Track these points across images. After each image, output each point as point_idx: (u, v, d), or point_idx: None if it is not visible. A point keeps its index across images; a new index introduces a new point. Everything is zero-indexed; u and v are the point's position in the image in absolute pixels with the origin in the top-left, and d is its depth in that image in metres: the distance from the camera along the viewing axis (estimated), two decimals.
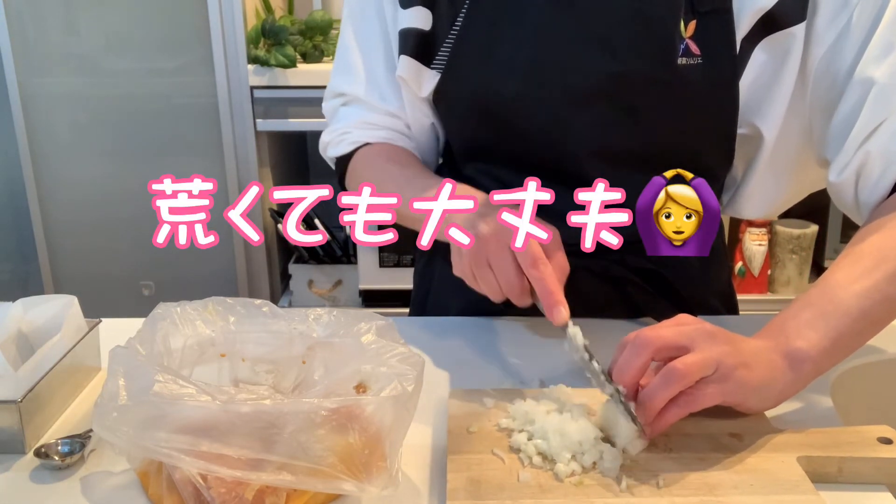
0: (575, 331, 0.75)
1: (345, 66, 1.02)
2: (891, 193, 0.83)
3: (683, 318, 0.72)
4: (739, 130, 0.92)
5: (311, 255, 2.40)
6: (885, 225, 0.78)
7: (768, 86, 0.88)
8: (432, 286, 1.10)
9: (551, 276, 0.77)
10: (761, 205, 0.99)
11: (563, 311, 0.76)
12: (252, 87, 2.19)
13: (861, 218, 0.87)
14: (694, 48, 0.86)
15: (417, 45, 0.94)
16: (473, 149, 1.00)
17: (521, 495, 0.65)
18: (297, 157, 2.70)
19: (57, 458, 0.72)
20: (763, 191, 0.97)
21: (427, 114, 1.01)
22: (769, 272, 2.39)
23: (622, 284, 0.99)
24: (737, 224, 2.37)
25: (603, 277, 0.98)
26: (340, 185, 1.07)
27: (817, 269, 2.40)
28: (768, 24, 0.85)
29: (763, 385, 0.70)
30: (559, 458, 0.67)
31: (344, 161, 1.04)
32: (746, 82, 0.88)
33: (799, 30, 0.84)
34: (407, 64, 0.95)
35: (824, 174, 0.89)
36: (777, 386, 0.71)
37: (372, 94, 1.01)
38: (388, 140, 1.02)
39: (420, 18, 0.94)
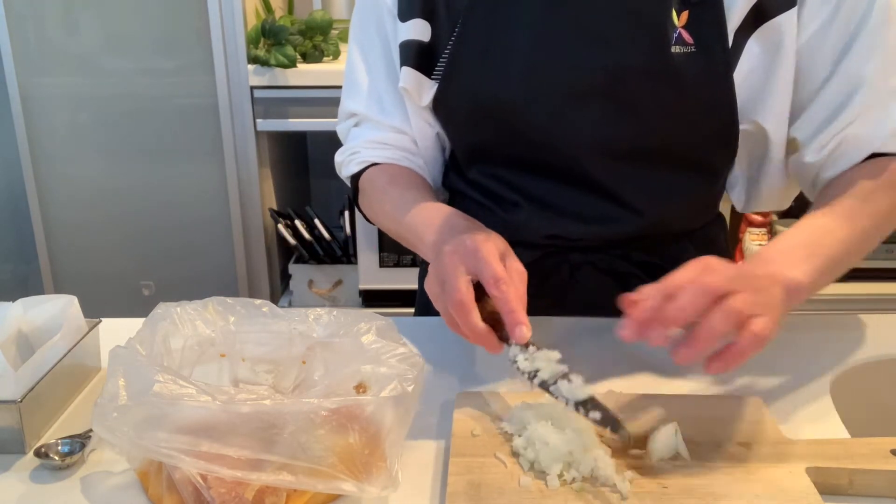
0: (540, 355, 0.74)
1: (351, 83, 1.04)
2: None
3: (709, 262, 0.71)
4: (742, 127, 0.92)
5: (312, 255, 2.40)
6: (857, 186, 0.85)
7: (765, 80, 0.89)
8: None
9: (514, 294, 0.74)
10: (780, 198, 1.01)
11: (525, 329, 0.74)
12: (252, 87, 2.19)
13: (813, 191, 0.93)
14: (687, 37, 0.87)
15: (418, 56, 0.95)
16: (476, 152, 1.01)
17: (521, 500, 0.64)
18: (297, 157, 2.70)
19: (57, 458, 0.72)
20: (780, 185, 0.98)
21: (431, 123, 1.01)
22: None
23: (626, 280, 0.99)
24: (737, 224, 2.37)
25: (607, 273, 0.99)
26: (354, 202, 1.08)
27: None
28: (759, 15, 0.87)
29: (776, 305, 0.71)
30: (549, 469, 0.67)
31: (355, 179, 1.05)
32: (742, 75, 0.89)
33: (788, 20, 0.86)
34: (408, 75, 0.95)
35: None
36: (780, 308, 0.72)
37: (372, 109, 1.01)
38: (394, 160, 1.02)
39: (419, 30, 0.95)
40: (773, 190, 0.98)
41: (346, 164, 1.05)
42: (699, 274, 0.69)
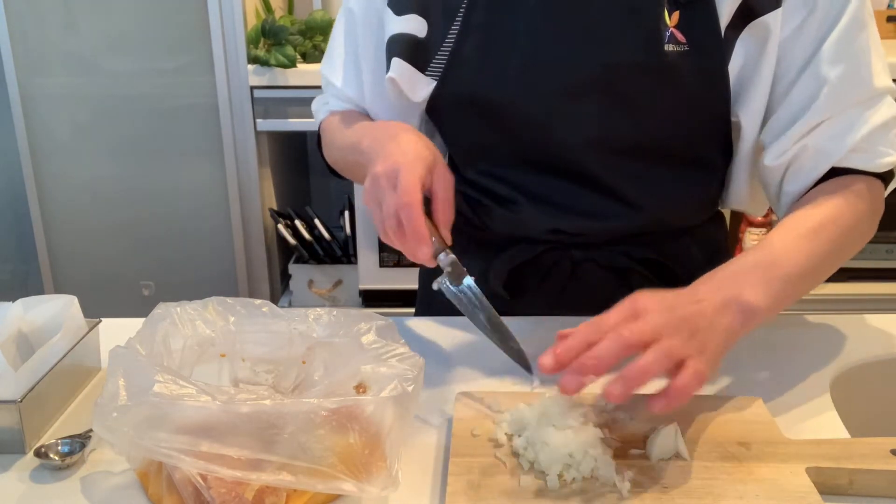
0: (450, 260, 0.81)
1: (331, 52, 1.07)
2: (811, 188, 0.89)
3: (642, 300, 0.72)
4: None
5: (312, 255, 2.40)
6: (819, 205, 0.85)
7: (751, 76, 0.90)
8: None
9: (419, 219, 0.78)
10: (750, 200, 1.00)
11: (426, 249, 0.78)
12: (252, 87, 2.19)
13: (777, 204, 0.93)
14: (679, 37, 0.88)
15: (412, 51, 0.95)
16: (473, 151, 1.01)
17: (521, 500, 0.64)
18: (297, 157, 2.70)
19: (57, 458, 0.72)
20: (745, 185, 0.98)
21: (414, 124, 1.01)
22: None
23: (628, 276, 0.99)
24: (737, 224, 2.37)
25: (608, 269, 0.99)
26: (318, 149, 1.12)
27: None
28: (746, 14, 0.87)
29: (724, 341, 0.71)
30: (549, 469, 0.66)
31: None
32: (734, 72, 0.90)
33: (773, 18, 0.86)
34: (400, 67, 0.95)
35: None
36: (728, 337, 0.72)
37: (348, 87, 1.04)
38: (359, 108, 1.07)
39: (414, 26, 0.95)
40: (741, 190, 0.99)
41: (318, 112, 1.10)
42: (626, 318, 0.69)
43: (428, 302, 1.12)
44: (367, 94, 1.03)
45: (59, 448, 0.73)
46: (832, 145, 0.87)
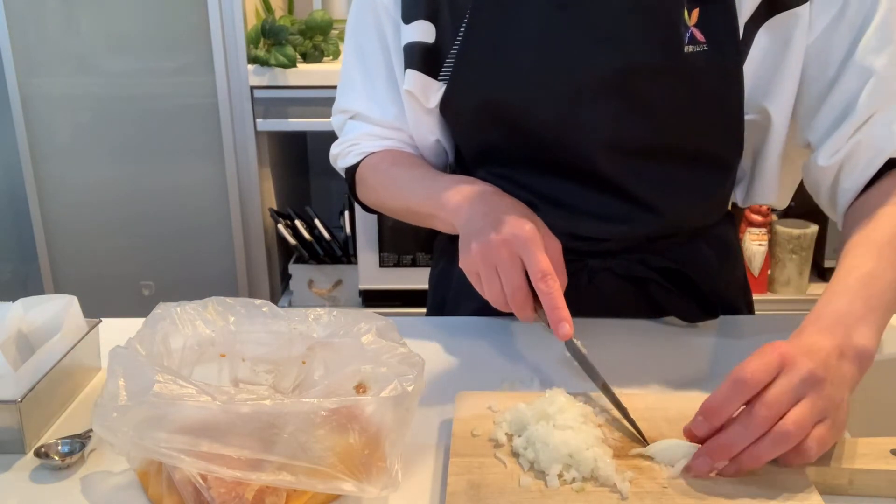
0: (578, 345, 0.78)
1: (347, 82, 1.04)
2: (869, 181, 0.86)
3: (772, 356, 0.67)
4: (748, 116, 0.92)
5: (312, 255, 2.40)
6: (886, 211, 0.81)
7: (774, 67, 0.89)
8: (449, 294, 1.10)
9: (559, 291, 0.77)
10: (777, 193, 0.99)
11: (568, 327, 0.77)
12: (252, 87, 2.19)
13: (834, 202, 0.90)
14: (699, 35, 0.86)
15: (423, 59, 0.95)
16: (485, 153, 1.00)
17: (521, 500, 0.64)
18: (297, 157, 2.70)
19: (57, 458, 0.72)
20: (775, 179, 0.97)
21: (432, 130, 1.01)
22: (769, 272, 2.39)
23: (644, 284, 0.99)
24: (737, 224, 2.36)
25: (625, 278, 0.99)
26: (351, 195, 1.09)
27: (817, 269, 2.40)
28: (772, 6, 0.86)
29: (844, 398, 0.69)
30: (549, 469, 0.67)
31: (353, 171, 1.06)
32: (752, 66, 0.89)
33: (801, 12, 0.85)
34: (414, 78, 0.95)
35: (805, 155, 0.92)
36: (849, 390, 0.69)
37: (373, 110, 1.02)
38: (393, 148, 1.03)
39: (424, 32, 0.94)
40: (770, 184, 0.98)
41: (343, 155, 1.06)
42: (770, 371, 0.66)
43: (441, 304, 1.11)
44: (396, 111, 1.01)
45: (59, 448, 0.73)
46: (886, 138, 0.85)
